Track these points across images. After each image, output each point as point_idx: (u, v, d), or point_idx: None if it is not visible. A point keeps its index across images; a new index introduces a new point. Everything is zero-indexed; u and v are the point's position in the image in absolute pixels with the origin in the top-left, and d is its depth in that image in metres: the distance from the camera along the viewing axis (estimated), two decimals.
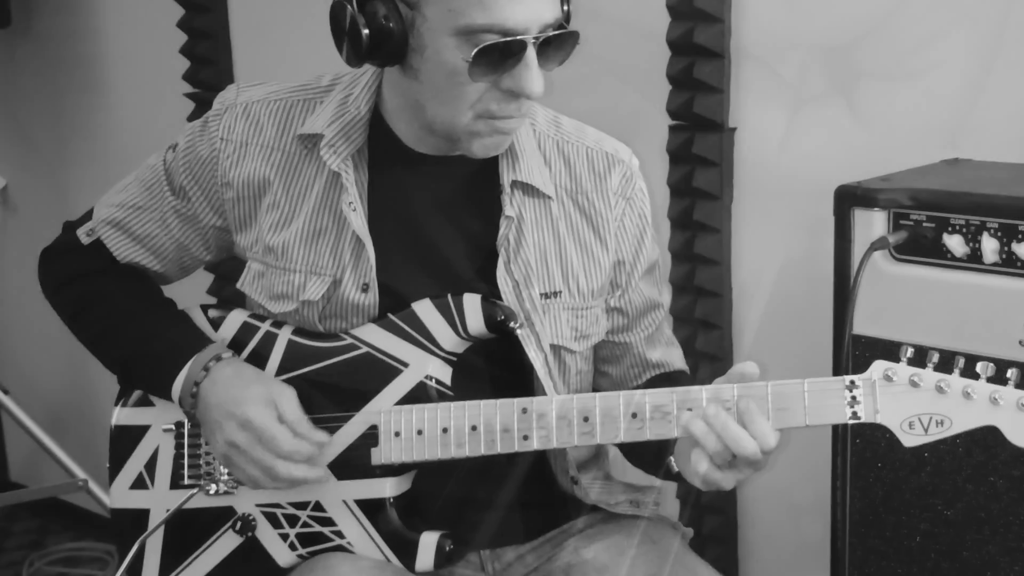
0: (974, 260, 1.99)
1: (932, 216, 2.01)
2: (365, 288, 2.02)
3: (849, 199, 2.09)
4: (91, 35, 3.98)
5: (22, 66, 4.22)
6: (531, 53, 1.84)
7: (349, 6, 1.86)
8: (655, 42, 2.73)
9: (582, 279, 2.08)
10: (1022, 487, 1.99)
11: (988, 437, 1.97)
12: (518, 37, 1.81)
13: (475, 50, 1.80)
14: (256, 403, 1.96)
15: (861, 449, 2.13)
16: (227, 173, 2.09)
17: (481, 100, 1.88)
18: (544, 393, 2.01)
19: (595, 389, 2.20)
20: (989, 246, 1.97)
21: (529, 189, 2.05)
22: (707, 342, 2.82)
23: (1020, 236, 1.94)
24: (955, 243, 2.00)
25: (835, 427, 2.15)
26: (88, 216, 2.22)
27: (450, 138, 1.95)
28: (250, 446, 1.96)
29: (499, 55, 1.82)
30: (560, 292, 2.06)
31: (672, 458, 1.90)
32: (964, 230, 1.99)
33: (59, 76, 4.12)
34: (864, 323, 2.04)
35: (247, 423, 1.95)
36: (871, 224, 2.07)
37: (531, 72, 1.85)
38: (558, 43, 1.88)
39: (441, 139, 1.99)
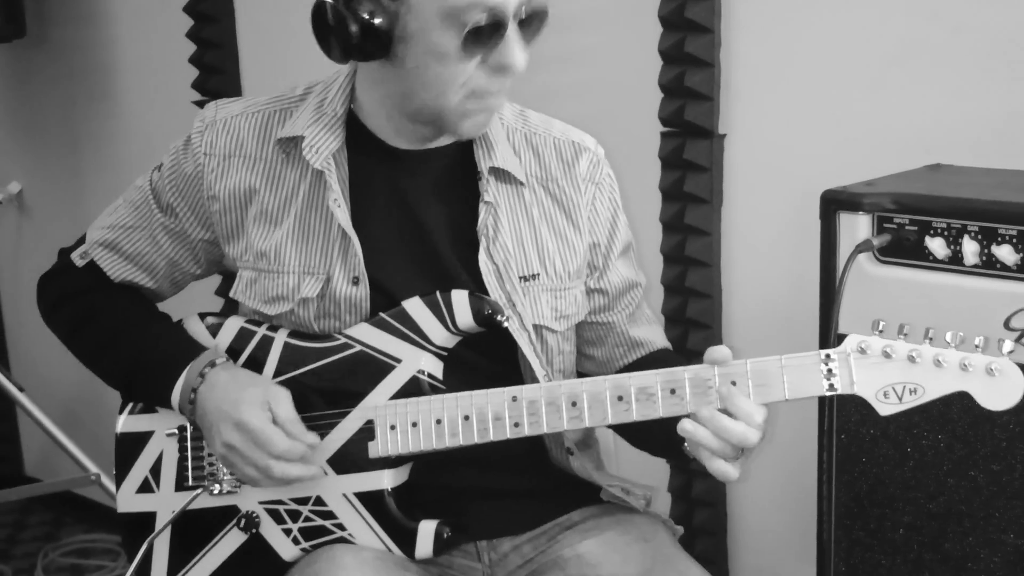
0: (955, 262, 1.98)
1: (915, 219, 2.01)
2: (355, 281, 2.02)
3: (835, 203, 2.09)
4: (103, 45, 3.98)
5: (37, 75, 4.22)
6: (513, 28, 1.86)
7: (334, 3, 1.86)
8: (647, 52, 2.73)
9: (558, 262, 2.10)
10: (1001, 481, 1.99)
11: (969, 432, 1.99)
12: (502, 15, 1.84)
13: (466, 29, 1.82)
14: (251, 405, 1.96)
15: (846, 444, 2.13)
16: (213, 186, 2.09)
17: (471, 79, 1.90)
18: (532, 371, 2.03)
19: (582, 373, 2.21)
20: (970, 248, 1.96)
21: (504, 175, 2.07)
22: (698, 341, 2.82)
23: (1000, 239, 1.94)
24: (937, 245, 2.00)
25: (820, 422, 2.15)
26: (81, 241, 2.22)
27: (438, 123, 1.96)
28: (246, 447, 1.96)
29: (486, 33, 1.84)
30: (538, 275, 2.08)
31: (686, 444, 1.89)
32: (946, 233, 1.99)
33: (72, 85, 4.12)
34: (849, 323, 2.03)
35: (242, 425, 1.95)
36: (856, 227, 2.07)
37: (515, 47, 1.87)
38: (535, 19, 1.90)
39: (425, 127, 2.00)
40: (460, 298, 1.99)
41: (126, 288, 2.21)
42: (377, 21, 1.85)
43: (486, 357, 2.05)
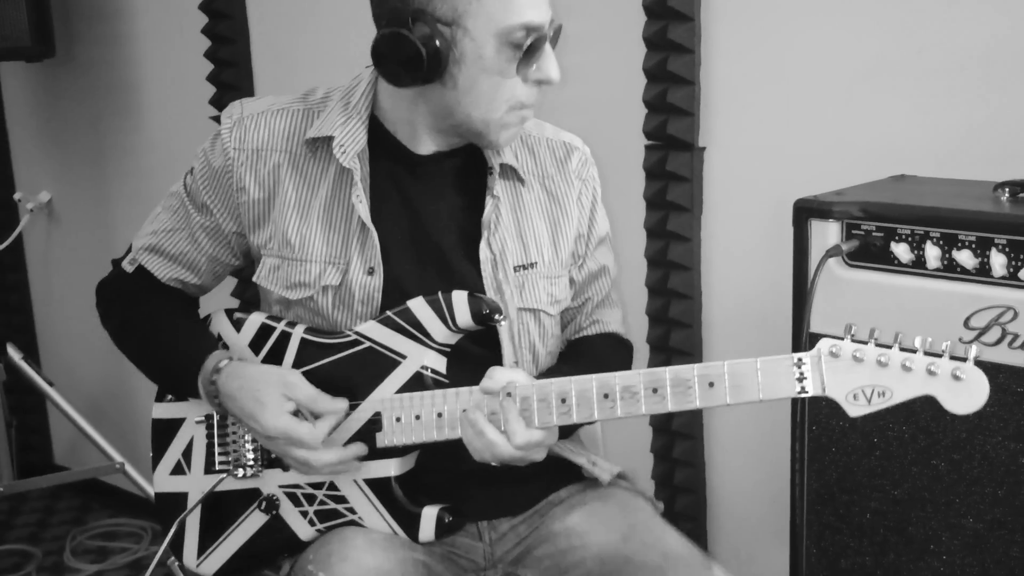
0: (918, 266, 1.98)
1: (881, 226, 2.01)
2: (371, 271, 2.03)
3: (806, 211, 2.09)
4: (126, 64, 3.97)
5: (65, 92, 4.21)
6: (548, 44, 1.94)
7: (396, 32, 1.89)
8: (633, 71, 2.73)
9: (553, 251, 2.13)
10: (961, 470, 1.99)
11: (931, 424, 1.98)
12: (542, 32, 1.92)
13: (520, 47, 1.90)
14: (272, 409, 1.98)
15: (817, 435, 2.13)
16: (242, 179, 2.10)
17: (515, 94, 1.95)
18: (511, 355, 2.08)
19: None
20: (932, 253, 1.96)
21: (509, 172, 2.10)
22: (679, 340, 2.82)
23: (959, 244, 1.94)
24: (901, 251, 1.99)
25: (793, 415, 2.15)
26: (129, 250, 2.24)
27: (477, 135, 2.01)
28: (284, 451, 1.99)
29: (533, 49, 1.91)
30: (536, 263, 2.11)
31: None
32: (909, 239, 1.99)
33: (98, 101, 4.11)
34: (820, 322, 2.03)
35: (270, 436, 1.98)
36: (826, 234, 2.07)
37: (551, 60, 1.96)
38: (557, 35, 1.98)
39: (452, 136, 2.05)
40: (460, 298, 1.99)
41: (168, 290, 2.22)
42: (438, 46, 1.90)
43: (489, 352, 2.05)
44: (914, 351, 1.68)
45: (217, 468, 2.13)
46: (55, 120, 4.29)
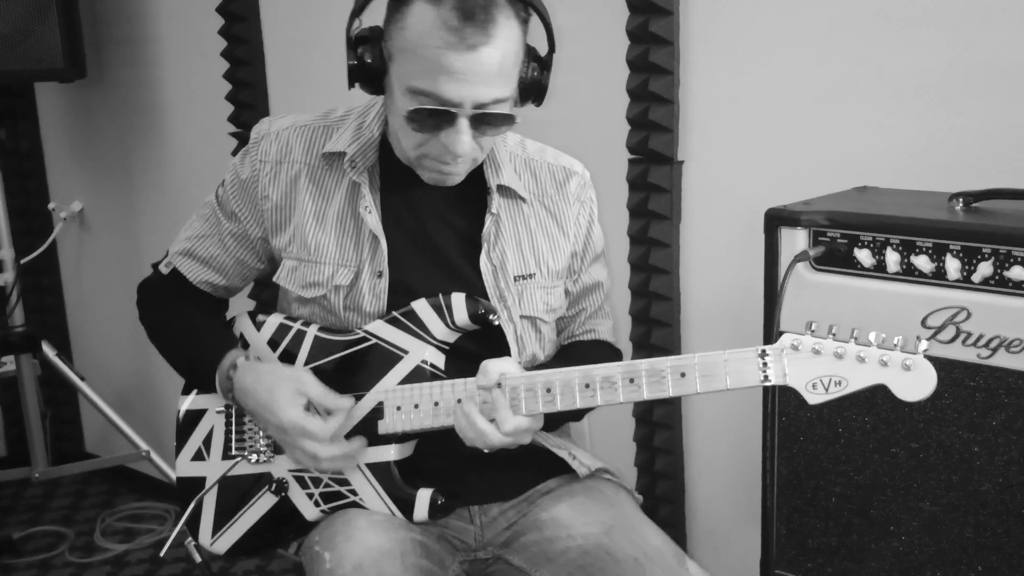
0: (880, 270, 1.98)
1: (845, 234, 2.00)
2: (380, 275, 2.04)
3: (776, 220, 2.08)
4: (153, 85, 3.97)
5: (96, 111, 4.20)
6: (463, 122, 1.86)
7: (350, 38, 1.93)
8: (617, 90, 2.73)
9: (551, 263, 2.13)
10: (919, 457, 1.98)
11: (891, 415, 1.98)
12: (451, 108, 1.84)
13: (409, 109, 1.85)
14: (285, 404, 1.98)
15: (787, 426, 2.12)
16: (266, 188, 2.11)
17: (423, 146, 1.93)
18: (519, 353, 2.09)
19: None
20: (892, 258, 1.96)
21: (508, 192, 2.09)
22: (659, 338, 2.81)
23: (917, 250, 1.93)
24: (864, 256, 1.99)
25: (764, 407, 2.14)
26: (165, 255, 2.26)
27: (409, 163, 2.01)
28: (294, 442, 1.99)
29: (432, 117, 1.86)
30: (534, 274, 2.11)
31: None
32: (871, 245, 1.98)
33: (126, 118, 4.10)
34: (789, 322, 2.02)
35: (282, 428, 1.98)
36: (795, 240, 2.06)
37: (459, 137, 1.87)
38: (492, 119, 1.89)
39: None
40: (458, 299, 2.00)
41: (198, 292, 2.24)
42: (371, 64, 1.92)
43: (484, 349, 2.04)
44: (869, 344, 1.69)
45: (233, 453, 2.14)
46: (86, 136, 4.29)
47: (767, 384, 1.76)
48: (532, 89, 1.96)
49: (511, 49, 1.85)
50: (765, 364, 1.75)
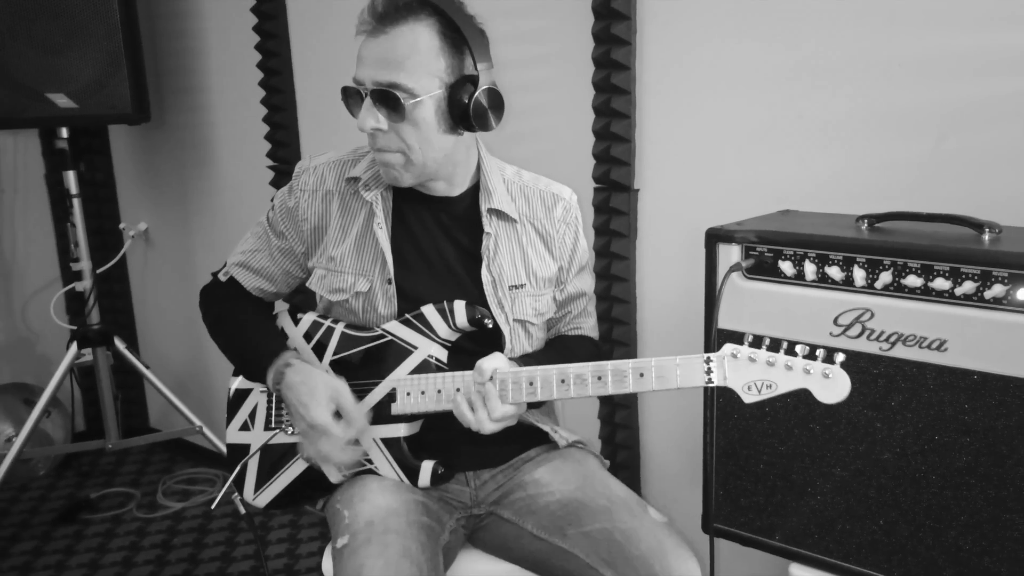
0: (799, 278, 1.97)
1: (771, 248, 1.99)
2: (389, 282, 2.03)
3: (715, 237, 2.07)
4: (205, 127, 3.96)
5: (159, 148, 4.19)
6: (366, 101, 1.88)
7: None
8: (585, 132, 2.72)
9: (539, 275, 2.11)
10: (831, 431, 1.97)
11: (809, 398, 1.97)
12: (355, 86, 1.89)
13: (354, 94, 1.90)
14: (318, 407, 1.94)
15: (724, 406, 2.11)
16: (305, 212, 2.10)
17: (369, 141, 1.95)
18: (510, 350, 2.07)
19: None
20: (809, 269, 1.95)
21: (501, 214, 2.08)
22: (619, 333, 2.80)
23: (830, 262, 1.92)
24: (787, 267, 1.98)
25: (705, 391, 2.13)
26: (224, 265, 2.24)
27: None
28: (313, 438, 1.97)
29: (349, 97, 1.91)
30: (525, 284, 2.09)
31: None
32: (792, 258, 1.97)
33: (183, 154, 4.09)
34: (726, 321, 2.02)
35: (311, 425, 1.96)
36: (730, 254, 2.05)
37: (362, 112, 1.88)
38: (386, 98, 1.87)
39: (443, 181, 2.05)
40: (459, 306, 2.00)
41: (251, 296, 2.21)
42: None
43: (480, 347, 2.03)
44: (795, 355, 1.70)
45: (272, 426, 2.12)
46: (150, 169, 4.27)
47: (710, 385, 1.77)
48: (458, 108, 1.90)
49: (414, 45, 1.84)
50: (709, 369, 1.75)
